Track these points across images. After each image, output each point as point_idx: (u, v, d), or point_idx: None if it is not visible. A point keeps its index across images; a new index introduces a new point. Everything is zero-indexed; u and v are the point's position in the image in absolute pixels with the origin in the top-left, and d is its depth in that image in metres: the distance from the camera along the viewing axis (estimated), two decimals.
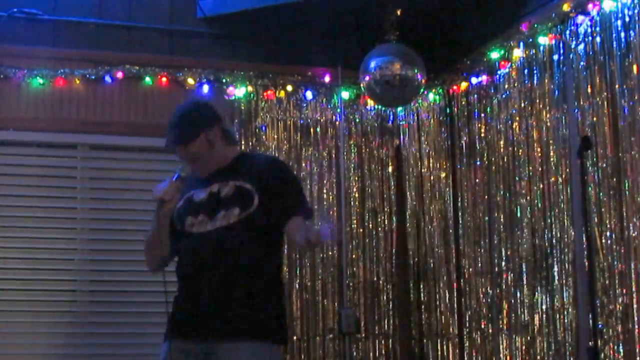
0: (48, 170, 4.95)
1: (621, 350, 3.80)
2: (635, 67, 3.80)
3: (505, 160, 4.71)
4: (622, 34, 3.88)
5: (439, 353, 5.11)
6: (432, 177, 5.26)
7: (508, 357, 4.62)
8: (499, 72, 4.77)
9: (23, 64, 4.86)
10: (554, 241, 4.31)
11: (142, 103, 5.04)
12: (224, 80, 5.12)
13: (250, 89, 5.16)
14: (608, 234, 3.91)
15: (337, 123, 5.28)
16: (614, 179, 3.90)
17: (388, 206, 5.30)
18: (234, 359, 3.28)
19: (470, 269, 4.98)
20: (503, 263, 4.68)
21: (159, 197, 3.43)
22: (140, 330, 4.92)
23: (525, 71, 4.56)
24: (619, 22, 3.90)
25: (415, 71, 4.82)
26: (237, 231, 3.36)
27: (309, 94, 5.26)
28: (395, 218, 5.30)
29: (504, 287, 4.67)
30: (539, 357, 4.37)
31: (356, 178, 5.28)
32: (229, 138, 3.58)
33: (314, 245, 3.22)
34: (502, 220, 4.71)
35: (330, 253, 5.16)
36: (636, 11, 3.82)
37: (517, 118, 4.62)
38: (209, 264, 3.36)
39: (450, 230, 5.14)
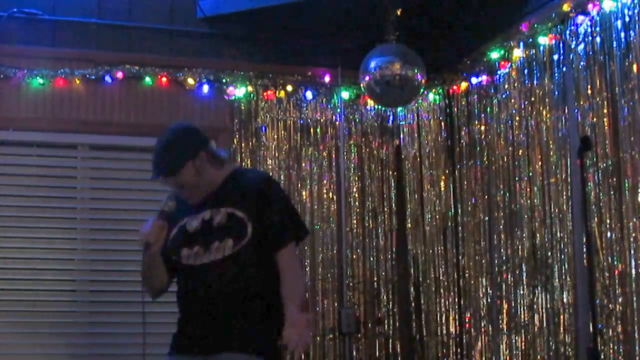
0: (48, 170, 4.95)
1: (621, 351, 3.80)
2: (635, 67, 3.80)
3: (505, 160, 4.71)
4: (622, 34, 3.88)
5: (439, 353, 5.11)
6: (432, 177, 5.26)
7: (508, 357, 4.62)
8: (499, 72, 4.77)
9: (23, 64, 4.86)
10: (554, 241, 4.31)
11: (142, 103, 5.04)
12: (224, 80, 5.12)
13: (250, 89, 5.16)
14: (608, 234, 3.91)
15: (337, 123, 5.28)
16: (614, 179, 3.90)
17: (388, 206, 5.30)
18: None
19: (470, 269, 4.98)
20: (503, 263, 4.68)
21: (144, 241, 3.44)
22: (140, 330, 4.91)
23: (525, 71, 4.56)
24: (619, 22, 3.90)
25: (415, 71, 4.82)
26: (231, 263, 3.33)
27: (309, 94, 5.26)
28: (395, 218, 5.30)
29: (504, 287, 4.68)
30: (539, 357, 4.37)
31: (356, 178, 5.28)
32: (217, 161, 3.46)
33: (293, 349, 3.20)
34: (502, 220, 4.71)
35: (330, 253, 5.16)
36: (636, 11, 3.82)
37: (517, 118, 4.62)
38: (206, 297, 3.36)
39: (450, 230, 5.14)
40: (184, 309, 3.50)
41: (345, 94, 5.29)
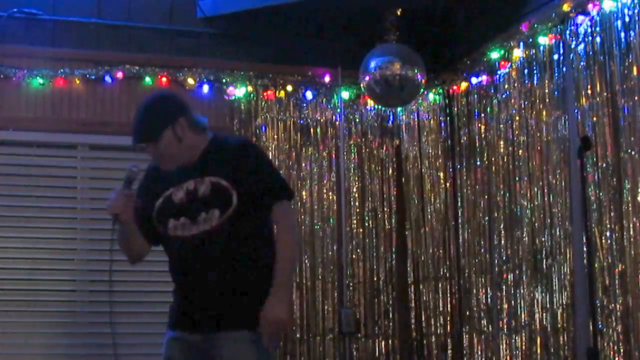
0: (48, 170, 4.95)
1: (621, 351, 3.80)
2: (635, 67, 3.80)
3: (505, 160, 4.71)
4: (622, 34, 3.88)
5: (439, 353, 5.11)
6: (432, 177, 5.26)
7: (508, 357, 4.62)
8: (499, 72, 4.77)
9: (23, 64, 4.86)
10: (554, 241, 4.31)
11: None
12: (224, 80, 5.12)
13: (250, 89, 5.16)
14: (608, 234, 3.91)
15: (337, 123, 5.28)
16: (614, 179, 3.90)
17: (388, 206, 5.30)
18: (231, 347, 3.27)
19: (470, 269, 4.98)
20: (503, 263, 4.68)
21: (110, 212, 3.44)
22: (140, 330, 4.92)
23: (525, 71, 4.56)
24: (619, 22, 3.90)
25: (415, 71, 4.82)
26: (220, 233, 3.30)
27: (309, 94, 5.26)
28: (395, 218, 5.30)
29: (504, 287, 4.68)
30: (539, 357, 4.37)
31: (356, 178, 5.28)
32: (198, 127, 3.39)
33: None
34: (502, 220, 4.71)
35: (330, 253, 5.16)
36: (636, 11, 3.82)
37: (517, 118, 4.62)
38: (198, 267, 3.35)
39: (450, 230, 5.14)
40: (177, 280, 3.49)
41: (345, 94, 5.29)
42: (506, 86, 4.73)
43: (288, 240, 3.33)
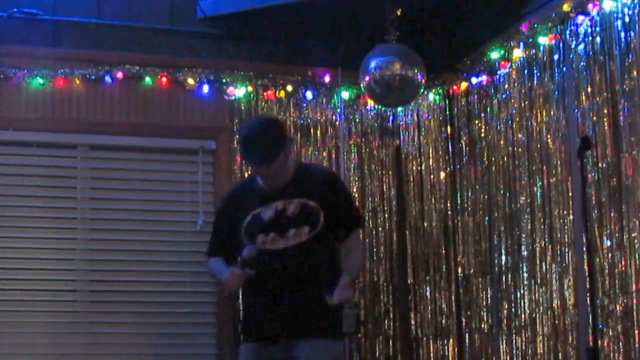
0: (48, 170, 4.94)
1: (621, 351, 3.80)
2: (635, 67, 3.80)
3: (505, 160, 4.71)
4: (622, 34, 3.88)
5: (440, 353, 5.11)
6: (432, 177, 5.26)
7: (508, 357, 4.62)
8: (499, 72, 4.77)
9: (23, 64, 4.85)
10: (553, 241, 4.31)
11: (142, 103, 5.04)
12: (224, 80, 5.12)
13: (250, 89, 5.16)
14: (608, 234, 3.91)
15: (337, 123, 5.28)
16: (614, 179, 3.90)
17: (388, 206, 5.30)
18: (309, 351, 3.65)
19: (470, 269, 4.98)
20: (503, 263, 4.68)
21: (227, 292, 3.93)
22: (140, 331, 4.92)
23: (525, 71, 4.56)
24: (619, 22, 3.90)
25: (415, 71, 4.81)
26: (308, 248, 3.73)
27: (309, 94, 5.25)
28: (395, 218, 5.30)
29: (504, 287, 4.68)
30: (539, 357, 4.37)
31: (356, 178, 5.28)
32: (289, 152, 3.86)
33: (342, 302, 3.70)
34: (502, 220, 4.71)
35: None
36: (636, 11, 3.82)
37: (517, 118, 4.62)
38: (285, 278, 3.72)
39: (450, 230, 5.14)
40: (260, 292, 3.78)
41: (345, 94, 5.29)
42: (506, 86, 4.73)
43: (358, 257, 3.97)
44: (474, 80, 5.00)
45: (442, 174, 5.22)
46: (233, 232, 3.82)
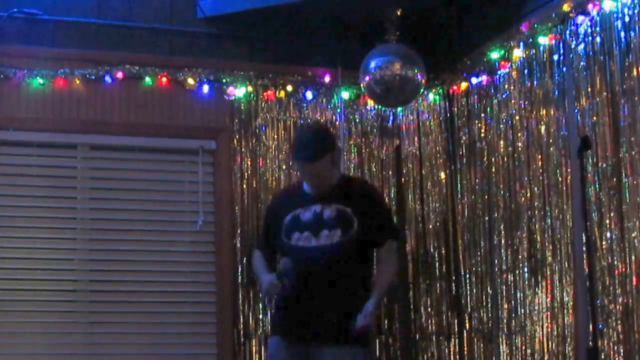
0: (48, 170, 4.94)
1: (621, 351, 3.80)
2: (635, 67, 3.80)
3: (505, 160, 4.71)
4: (622, 34, 3.88)
5: (439, 353, 5.11)
6: (432, 177, 5.26)
7: (508, 357, 4.62)
8: (499, 72, 4.77)
9: (23, 64, 4.86)
10: (554, 241, 4.31)
11: (142, 103, 5.04)
12: (224, 80, 5.12)
13: (250, 89, 5.16)
14: (608, 234, 3.91)
15: (337, 123, 5.28)
16: (614, 179, 3.90)
17: (388, 206, 5.30)
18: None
19: (471, 269, 4.98)
20: (503, 263, 4.68)
21: (266, 296, 3.92)
22: (140, 330, 4.92)
23: (525, 71, 4.56)
24: (619, 22, 3.90)
25: (415, 71, 4.82)
26: (339, 249, 3.81)
27: (309, 94, 5.26)
28: (395, 218, 5.29)
29: (504, 287, 4.67)
30: (539, 357, 4.37)
31: None
32: (336, 162, 4.02)
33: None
34: (502, 220, 4.71)
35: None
36: (636, 11, 3.82)
37: (517, 118, 4.62)
38: (314, 276, 3.80)
39: (450, 230, 5.14)
40: (292, 284, 3.84)
41: (345, 94, 5.29)
42: (506, 86, 4.72)
43: (391, 270, 3.97)
44: (474, 80, 5.00)
45: (442, 174, 5.22)
46: (277, 229, 3.97)
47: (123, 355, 4.88)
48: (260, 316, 4.96)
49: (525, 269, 4.50)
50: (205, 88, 5.10)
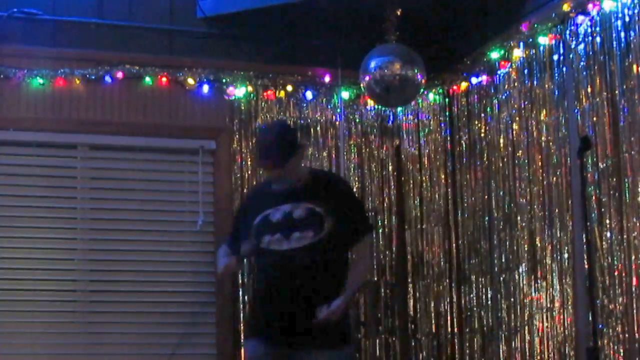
0: (48, 170, 4.94)
1: (621, 350, 3.80)
2: (635, 67, 3.80)
3: (505, 160, 4.71)
4: (622, 34, 3.88)
5: (439, 353, 5.11)
6: (432, 177, 5.26)
7: (508, 357, 4.62)
8: (499, 72, 4.77)
9: (23, 64, 4.86)
10: (553, 241, 4.31)
11: (142, 103, 5.04)
12: (224, 80, 5.12)
13: (250, 89, 5.16)
14: (608, 234, 3.91)
15: (337, 123, 5.28)
16: (614, 179, 3.90)
17: (388, 206, 5.30)
18: None
19: (471, 269, 4.98)
20: (503, 263, 4.68)
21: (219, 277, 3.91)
22: (140, 331, 4.92)
23: (525, 71, 4.56)
24: (619, 22, 3.90)
25: (415, 71, 4.81)
26: (311, 252, 3.73)
27: (309, 94, 5.26)
28: (395, 218, 5.30)
29: (504, 287, 4.68)
30: (539, 357, 4.38)
31: (356, 178, 5.28)
32: (304, 156, 3.98)
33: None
34: (502, 220, 4.71)
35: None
36: (636, 11, 3.82)
37: (517, 118, 4.63)
38: (288, 279, 3.74)
39: (450, 230, 5.14)
40: (264, 292, 3.84)
41: (345, 94, 5.29)
42: (506, 86, 4.73)
43: (364, 266, 3.95)
44: (474, 80, 5.00)
45: (442, 174, 5.22)
46: (246, 230, 3.90)
47: (123, 355, 4.88)
48: None
49: (525, 269, 4.50)
50: (205, 88, 5.10)
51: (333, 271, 3.78)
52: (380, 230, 5.26)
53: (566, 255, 4.23)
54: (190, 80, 5.08)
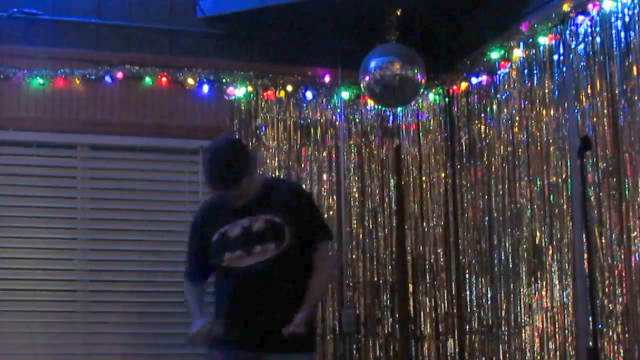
0: (48, 170, 4.94)
1: (621, 351, 3.80)
2: (635, 67, 3.80)
3: (505, 160, 4.71)
4: (622, 34, 3.88)
5: (439, 353, 5.11)
6: (432, 177, 5.26)
7: (508, 357, 4.62)
8: (499, 72, 4.77)
9: (23, 64, 4.85)
10: (553, 241, 4.31)
11: (142, 103, 5.04)
12: (224, 80, 5.12)
13: (250, 89, 5.16)
14: (608, 234, 3.91)
15: (337, 123, 5.28)
16: (614, 179, 3.90)
17: (388, 206, 5.30)
18: None
19: (470, 269, 4.98)
20: (503, 263, 4.68)
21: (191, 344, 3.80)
22: (140, 331, 4.92)
23: (525, 71, 4.56)
24: (619, 22, 3.90)
25: (415, 71, 4.81)
26: (274, 264, 3.69)
27: (309, 94, 5.25)
28: (395, 218, 5.30)
29: (504, 287, 4.67)
30: (539, 357, 4.37)
31: (356, 178, 5.28)
32: (257, 170, 3.94)
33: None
34: (502, 220, 4.71)
35: (330, 253, 5.15)
36: (636, 11, 3.82)
37: (517, 118, 4.62)
38: (253, 295, 3.70)
39: (450, 230, 5.14)
40: (226, 308, 3.75)
41: (345, 94, 5.29)
42: (506, 86, 4.73)
43: (324, 276, 3.87)
44: (474, 80, 5.00)
45: (442, 174, 5.22)
46: (205, 250, 3.81)
47: (123, 355, 4.88)
48: None
49: (525, 269, 4.50)
50: (205, 88, 5.10)
51: (297, 281, 3.73)
52: (380, 230, 5.26)
53: (566, 256, 4.23)
54: (190, 80, 5.08)
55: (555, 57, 4.34)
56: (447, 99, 5.24)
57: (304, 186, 4.99)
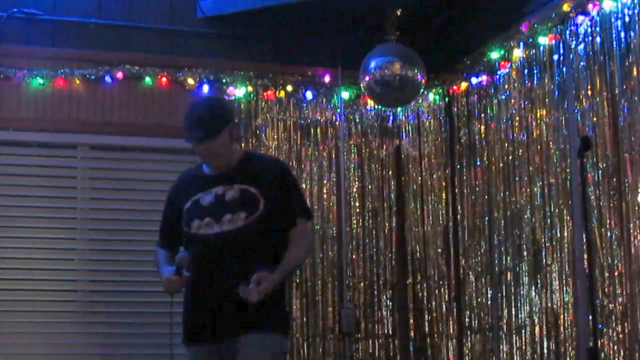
0: (48, 170, 4.94)
1: (621, 351, 3.80)
2: (635, 67, 3.80)
3: (505, 160, 4.71)
4: (622, 34, 3.88)
5: (439, 353, 5.11)
6: (432, 177, 5.26)
7: (508, 357, 4.62)
8: (499, 72, 4.77)
9: (23, 64, 4.86)
10: (553, 241, 4.31)
11: (142, 103, 5.04)
12: (224, 80, 5.12)
13: (250, 89, 5.16)
14: (608, 234, 3.91)
15: (337, 123, 5.28)
16: (614, 179, 3.90)
17: (388, 206, 5.30)
18: (250, 349, 3.45)
19: (470, 269, 4.98)
20: (503, 263, 4.68)
21: (166, 291, 3.65)
22: (140, 331, 4.92)
23: (525, 71, 4.56)
24: (619, 22, 3.90)
25: (415, 71, 4.82)
26: (243, 234, 3.54)
27: (309, 94, 5.26)
28: (395, 218, 5.30)
29: (504, 287, 4.68)
30: (538, 357, 4.37)
31: (356, 178, 5.28)
32: (237, 136, 3.78)
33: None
34: (502, 220, 4.71)
35: (330, 253, 5.16)
36: (636, 11, 3.82)
37: (517, 118, 4.62)
38: (216, 266, 3.53)
39: (450, 230, 5.14)
40: (192, 281, 3.58)
41: (345, 94, 5.29)
42: (506, 86, 4.73)
43: (298, 252, 3.65)
44: (474, 80, 5.00)
45: (442, 174, 5.22)
46: (176, 219, 3.69)
47: (123, 355, 4.88)
48: None
49: (525, 269, 4.50)
50: (205, 88, 5.10)
51: (267, 255, 3.56)
52: (380, 230, 5.26)
53: (566, 256, 4.23)
54: (190, 80, 5.08)
55: (555, 57, 4.34)
56: (447, 99, 5.24)
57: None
